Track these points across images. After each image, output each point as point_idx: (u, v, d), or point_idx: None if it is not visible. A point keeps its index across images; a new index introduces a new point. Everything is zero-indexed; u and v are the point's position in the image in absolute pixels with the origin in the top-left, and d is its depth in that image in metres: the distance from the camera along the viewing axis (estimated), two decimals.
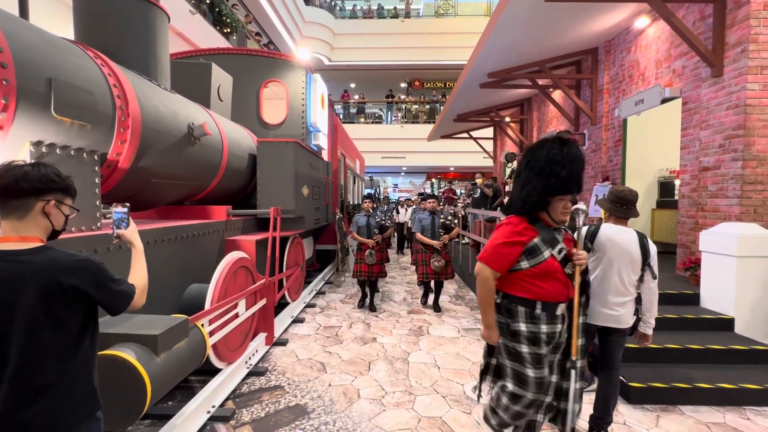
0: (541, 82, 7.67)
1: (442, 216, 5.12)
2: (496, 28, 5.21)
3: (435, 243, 4.98)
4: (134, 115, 2.47)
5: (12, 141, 1.79)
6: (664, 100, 5.01)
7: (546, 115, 9.19)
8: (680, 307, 3.91)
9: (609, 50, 6.47)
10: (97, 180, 2.22)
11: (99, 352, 1.80)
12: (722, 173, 4.12)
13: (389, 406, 2.78)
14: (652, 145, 6.69)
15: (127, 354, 1.80)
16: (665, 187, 6.84)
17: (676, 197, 5.91)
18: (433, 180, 21.75)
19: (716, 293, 3.79)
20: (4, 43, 1.70)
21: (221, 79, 4.29)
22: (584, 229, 2.33)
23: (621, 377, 2.96)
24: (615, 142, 6.32)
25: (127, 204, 1.52)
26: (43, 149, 1.85)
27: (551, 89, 8.08)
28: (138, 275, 1.45)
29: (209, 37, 8.56)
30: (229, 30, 8.88)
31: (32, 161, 1.33)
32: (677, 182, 5.91)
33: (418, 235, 5.08)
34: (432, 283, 5.32)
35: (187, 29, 7.78)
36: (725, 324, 3.63)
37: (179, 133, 3.04)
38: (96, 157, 2.22)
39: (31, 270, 1.15)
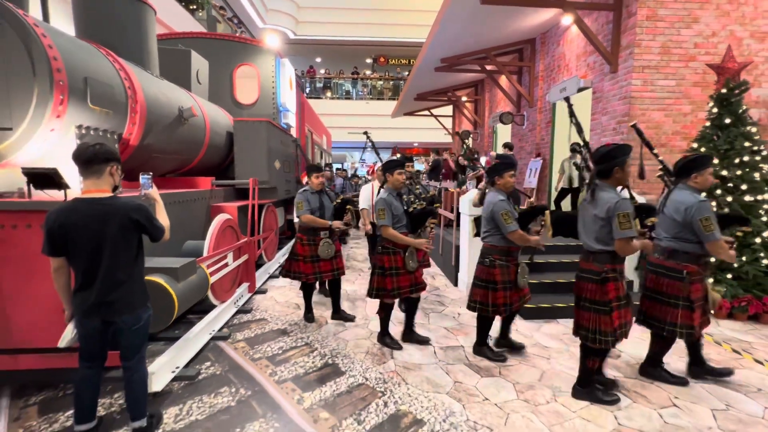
0: (489, 67, 8.54)
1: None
2: (442, 25, 5.97)
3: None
4: (141, 102, 3.08)
5: (65, 125, 2.42)
6: (580, 89, 6.03)
7: (495, 97, 10.13)
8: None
9: (544, 42, 7.40)
10: None
11: None
12: None
13: (350, 327, 3.69)
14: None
15: (160, 279, 2.55)
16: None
17: None
18: (397, 155, 22.46)
19: None
20: (58, 53, 2.30)
21: (199, 64, 4.80)
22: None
23: None
24: (546, 123, 7.37)
25: (151, 172, 2.23)
26: (83, 131, 2.50)
27: (498, 74, 8.98)
28: (164, 219, 2.18)
29: (174, 14, 8.65)
30: (195, 6, 8.99)
31: (96, 142, 1.97)
32: None
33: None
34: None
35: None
36: None
37: (172, 115, 3.64)
38: (116, 136, 2.86)
39: (112, 210, 1.88)
